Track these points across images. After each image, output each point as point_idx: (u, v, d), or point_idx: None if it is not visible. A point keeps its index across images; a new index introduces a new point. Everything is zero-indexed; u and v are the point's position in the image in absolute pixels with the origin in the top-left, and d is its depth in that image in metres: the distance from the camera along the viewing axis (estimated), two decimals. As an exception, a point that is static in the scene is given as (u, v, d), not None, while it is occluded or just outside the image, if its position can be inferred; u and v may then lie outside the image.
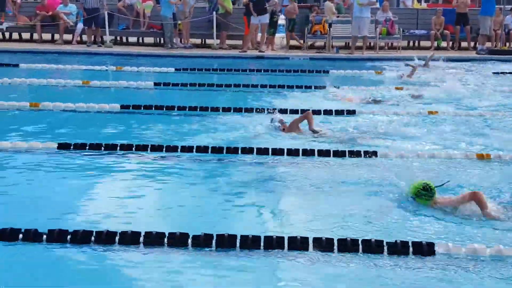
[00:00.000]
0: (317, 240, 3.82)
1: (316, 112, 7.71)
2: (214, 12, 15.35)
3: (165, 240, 3.87)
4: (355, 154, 6.01)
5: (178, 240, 3.88)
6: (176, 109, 8.21)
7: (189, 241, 3.86)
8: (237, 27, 15.68)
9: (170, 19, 15.17)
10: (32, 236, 3.90)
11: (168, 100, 8.97)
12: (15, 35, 16.87)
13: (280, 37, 17.14)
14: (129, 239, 3.88)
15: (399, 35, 15.75)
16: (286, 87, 10.08)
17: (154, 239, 3.89)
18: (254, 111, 8.03)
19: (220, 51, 15.26)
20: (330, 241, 3.83)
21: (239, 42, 15.83)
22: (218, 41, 15.65)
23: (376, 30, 15.50)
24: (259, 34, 15.58)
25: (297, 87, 10.07)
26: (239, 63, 12.98)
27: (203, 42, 16.85)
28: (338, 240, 3.81)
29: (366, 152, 6.02)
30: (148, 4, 16.20)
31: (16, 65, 12.10)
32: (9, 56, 13.55)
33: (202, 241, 3.86)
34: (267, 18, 15.00)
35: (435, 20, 16.25)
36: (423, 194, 4.39)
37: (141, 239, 3.87)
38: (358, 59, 14.31)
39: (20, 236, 3.90)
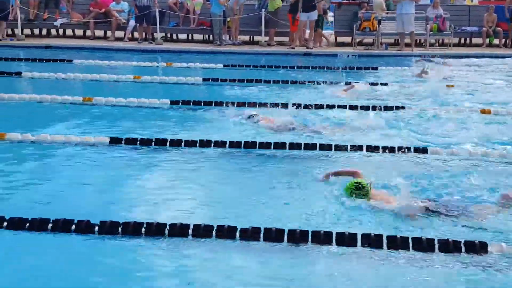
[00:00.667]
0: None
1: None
2: (263, 10, 15.35)
3: (213, 232, 3.89)
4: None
5: (226, 233, 3.90)
6: (224, 104, 8.25)
7: (237, 234, 3.88)
8: (285, 23, 15.64)
9: (219, 16, 15.27)
10: (84, 227, 3.99)
11: (217, 95, 9.04)
12: (69, 32, 17.38)
13: (328, 34, 17.00)
14: (178, 231, 3.92)
15: (450, 32, 15.37)
16: (333, 83, 9.95)
17: (202, 232, 3.92)
18: (302, 107, 7.97)
19: (268, 48, 15.24)
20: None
21: (286, 39, 15.82)
22: (267, 38, 15.65)
23: (426, 27, 15.17)
24: (307, 31, 15.49)
25: (346, 83, 9.93)
26: (287, 60, 12.91)
27: (251, 39, 16.89)
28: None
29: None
30: (198, 1, 16.35)
31: (70, 61, 12.45)
32: (63, 52, 13.94)
33: (250, 234, 3.88)
34: (316, 14, 14.88)
35: (487, 17, 15.78)
36: (357, 193, 4.42)
37: (190, 231, 3.91)
38: (407, 56, 13.98)
39: (73, 227, 3.99)
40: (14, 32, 16.28)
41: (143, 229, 3.96)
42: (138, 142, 6.19)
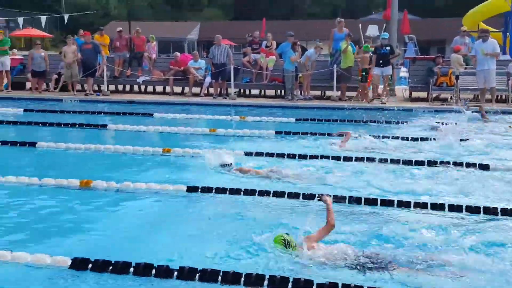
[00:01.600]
0: None
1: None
2: (335, 65, 15.62)
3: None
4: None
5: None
6: (297, 157, 8.40)
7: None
8: (355, 78, 15.80)
9: (292, 72, 15.68)
10: (164, 272, 4.18)
11: (288, 147, 9.22)
12: (150, 88, 18.38)
13: (402, 89, 16.95)
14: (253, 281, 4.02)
15: (532, 88, 14.88)
16: (409, 139, 9.86)
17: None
18: (377, 161, 7.98)
19: (340, 103, 15.37)
20: None
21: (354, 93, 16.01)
22: (338, 93, 15.84)
23: (508, 83, 14.83)
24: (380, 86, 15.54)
25: (422, 139, 9.82)
26: (359, 114, 12.95)
27: (322, 94, 17.14)
28: None
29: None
30: (271, 58, 16.88)
31: (151, 115, 13.14)
32: (144, 107, 14.74)
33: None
34: (390, 69, 14.96)
35: None
36: (281, 247, 4.48)
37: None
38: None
39: (153, 271, 4.18)
40: (100, 88, 17.43)
41: (219, 277, 4.09)
42: (213, 191, 6.43)
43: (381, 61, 14.90)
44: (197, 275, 4.11)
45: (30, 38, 36.45)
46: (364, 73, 15.33)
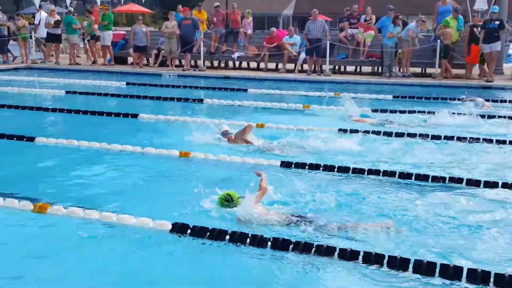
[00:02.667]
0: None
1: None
2: (439, 41, 14.87)
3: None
4: None
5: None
6: (393, 135, 8.21)
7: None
8: (457, 56, 15.00)
9: (391, 48, 15.16)
10: (259, 241, 4.27)
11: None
12: (244, 64, 18.59)
13: (510, 67, 15.89)
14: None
15: None
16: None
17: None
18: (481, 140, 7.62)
19: (441, 80, 14.69)
20: None
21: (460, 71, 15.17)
22: (439, 70, 15.12)
23: None
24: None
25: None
26: (462, 92, 12.31)
27: (423, 71, 16.46)
28: None
29: None
30: (370, 33, 16.41)
31: (245, 90, 13.31)
32: (239, 82, 14.95)
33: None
34: (499, 45, 14.04)
35: None
36: (226, 205, 4.81)
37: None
38: None
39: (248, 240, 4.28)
40: (197, 64, 17.86)
41: (360, 257, 4.12)
42: (306, 167, 6.42)
43: (488, 37, 13.99)
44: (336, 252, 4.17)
45: (131, 14, 37.91)
46: (446, 50, 14.56)
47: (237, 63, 18.48)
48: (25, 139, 7.54)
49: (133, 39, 17.40)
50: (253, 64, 18.30)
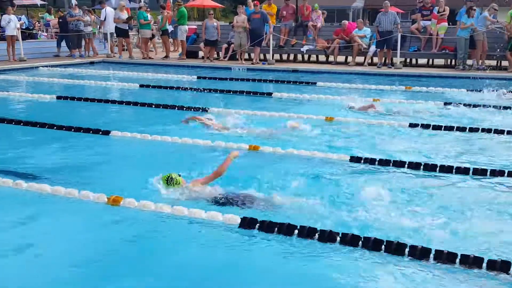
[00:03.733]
0: None
1: None
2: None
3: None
4: None
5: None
6: (467, 130, 7.95)
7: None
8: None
9: (466, 40, 14.60)
10: (327, 236, 4.27)
11: (459, 119, 8.72)
12: (313, 57, 18.48)
13: None
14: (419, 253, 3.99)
15: None
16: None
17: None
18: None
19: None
20: None
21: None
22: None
23: None
24: None
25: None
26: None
27: (498, 64, 15.73)
28: None
29: None
30: (443, 25, 15.89)
31: (314, 83, 13.25)
32: (308, 75, 14.89)
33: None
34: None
35: None
36: (170, 185, 5.19)
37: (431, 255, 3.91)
38: None
39: (317, 235, 4.29)
40: (266, 57, 17.95)
41: (382, 246, 4.09)
42: (376, 163, 6.32)
43: None
44: (360, 241, 4.13)
45: (203, 8, 38.48)
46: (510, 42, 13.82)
47: (305, 57, 18.42)
48: (100, 133, 7.85)
49: (204, 33, 17.71)
50: (322, 57, 18.18)
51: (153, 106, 10.09)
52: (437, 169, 6.07)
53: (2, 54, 17.70)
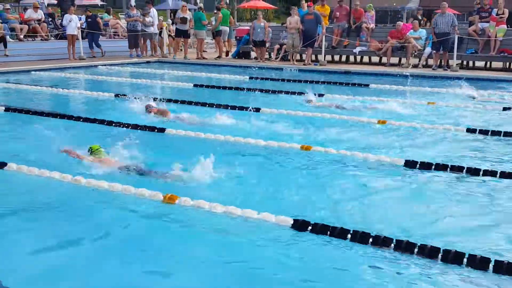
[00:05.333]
0: None
1: None
2: None
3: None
4: None
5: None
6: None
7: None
8: None
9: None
10: (381, 241, 4.24)
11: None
12: (365, 59, 18.28)
13: None
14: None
15: None
16: None
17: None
18: None
19: None
20: None
21: None
22: None
23: None
24: None
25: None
26: None
27: (562, 68, 15.12)
28: None
29: None
30: (502, 28, 15.40)
31: (367, 85, 13.11)
32: (360, 77, 14.73)
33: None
34: None
35: None
36: (95, 154, 6.30)
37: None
38: None
39: (371, 240, 4.26)
40: (318, 58, 17.88)
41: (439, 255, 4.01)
42: (433, 168, 6.20)
43: None
44: (415, 249, 4.08)
45: (256, 9, 38.76)
46: None
47: (358, 58, 18.23)
48: (156, 130, 8.04)
49: (252, 34, 17.86)
50: (374, 59, 17.95)
51: (207, 105, 10.24)
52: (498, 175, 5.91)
53: (63, 52, 18.37)
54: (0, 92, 12.48)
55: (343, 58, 18.81)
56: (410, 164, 6.30)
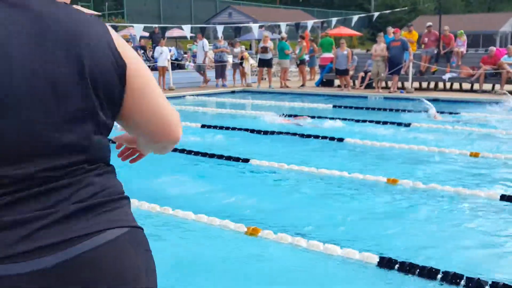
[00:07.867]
0: None
1: None
2: None
3: None
4: None
5: None
6: None
7: None
8: None
9: None
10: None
11: None
12: (456, 85, 17.56)
13: None
14: None
15: None
16: None
17: None
18: None
19: None
20: None
21: None
22: None
23: None
24: None
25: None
26: None
27: None
28: None
29: None
30: None
31: (457, 113, 12.56)
32: (449, 105, 14.16)
33: None
34: None
35: None
36: None
37: None
38: None
39: (463, 282, 4.00)
40: (404, 85, 17.42)
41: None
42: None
43: None
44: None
45: (340, 37, 38.75)
46: None
47: (447, 85, 17.58)
48: (240, 160, 8.09)
49: (335, 62, 17.76)
50: (465, 85, 17.21)
51: (290, 134, 10.21)
52: None
53: (153, 83, 19.15)
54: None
55: (431, 84, 18.20)
56: (506, 199, 5.92)
